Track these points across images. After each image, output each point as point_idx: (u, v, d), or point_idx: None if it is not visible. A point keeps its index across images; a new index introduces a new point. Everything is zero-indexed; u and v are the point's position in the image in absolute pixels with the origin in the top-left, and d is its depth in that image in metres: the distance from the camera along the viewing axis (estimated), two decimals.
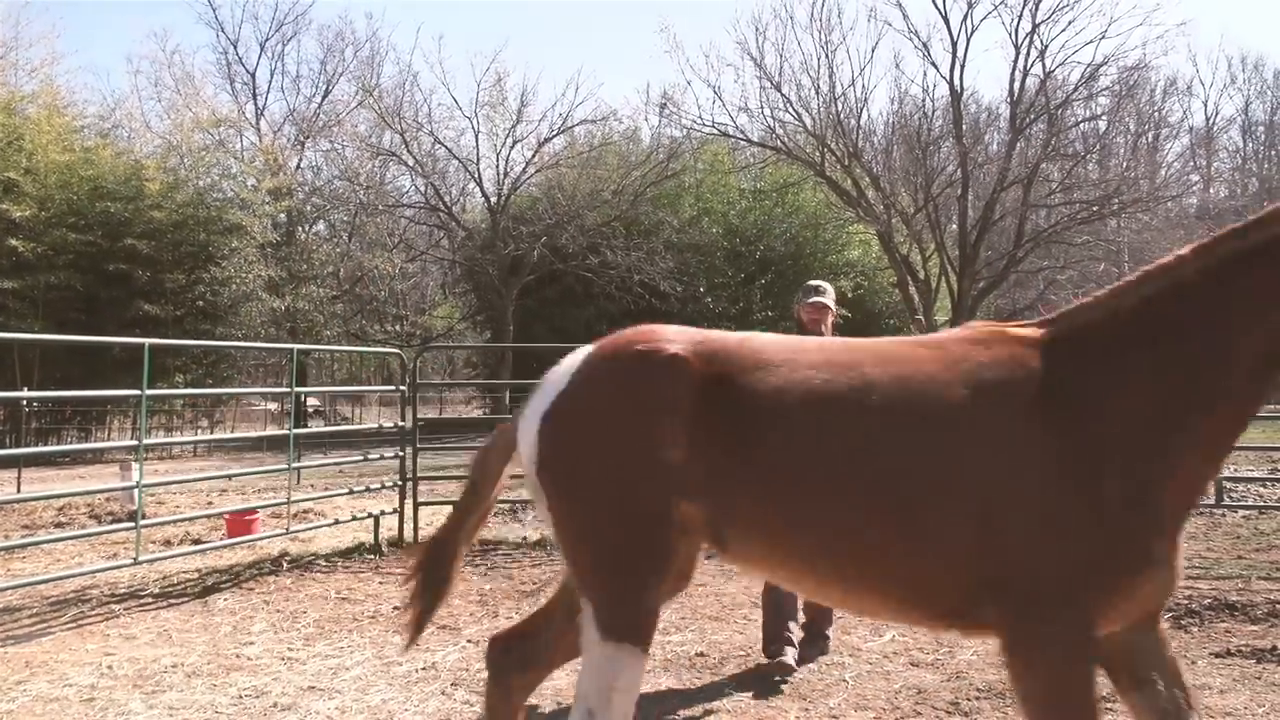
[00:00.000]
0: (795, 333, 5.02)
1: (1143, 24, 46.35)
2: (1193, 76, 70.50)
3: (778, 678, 4.83)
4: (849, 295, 34.58)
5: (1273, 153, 54.73)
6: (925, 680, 4.85)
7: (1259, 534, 8.78)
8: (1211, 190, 54.27)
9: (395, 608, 6.43)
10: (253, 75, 36.64)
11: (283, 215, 30.80)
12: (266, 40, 37.36)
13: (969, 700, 4.55)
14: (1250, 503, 10.15)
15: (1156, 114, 43.43)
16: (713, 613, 6.26)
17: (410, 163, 31.66)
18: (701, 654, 5.34)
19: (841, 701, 4.58)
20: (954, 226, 32.00)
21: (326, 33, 49.03)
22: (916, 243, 31.64)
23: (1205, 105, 72.05)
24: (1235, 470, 12.58)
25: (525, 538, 9.02)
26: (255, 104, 35.90)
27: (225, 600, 6.73)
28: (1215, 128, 55.30)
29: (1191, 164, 50.62)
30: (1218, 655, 5.16)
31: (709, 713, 4.46)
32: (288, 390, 8.33)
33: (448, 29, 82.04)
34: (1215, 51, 69.00)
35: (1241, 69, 72.80)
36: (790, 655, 4.87)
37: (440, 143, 32.33)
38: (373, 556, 8.22)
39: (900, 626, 5.80)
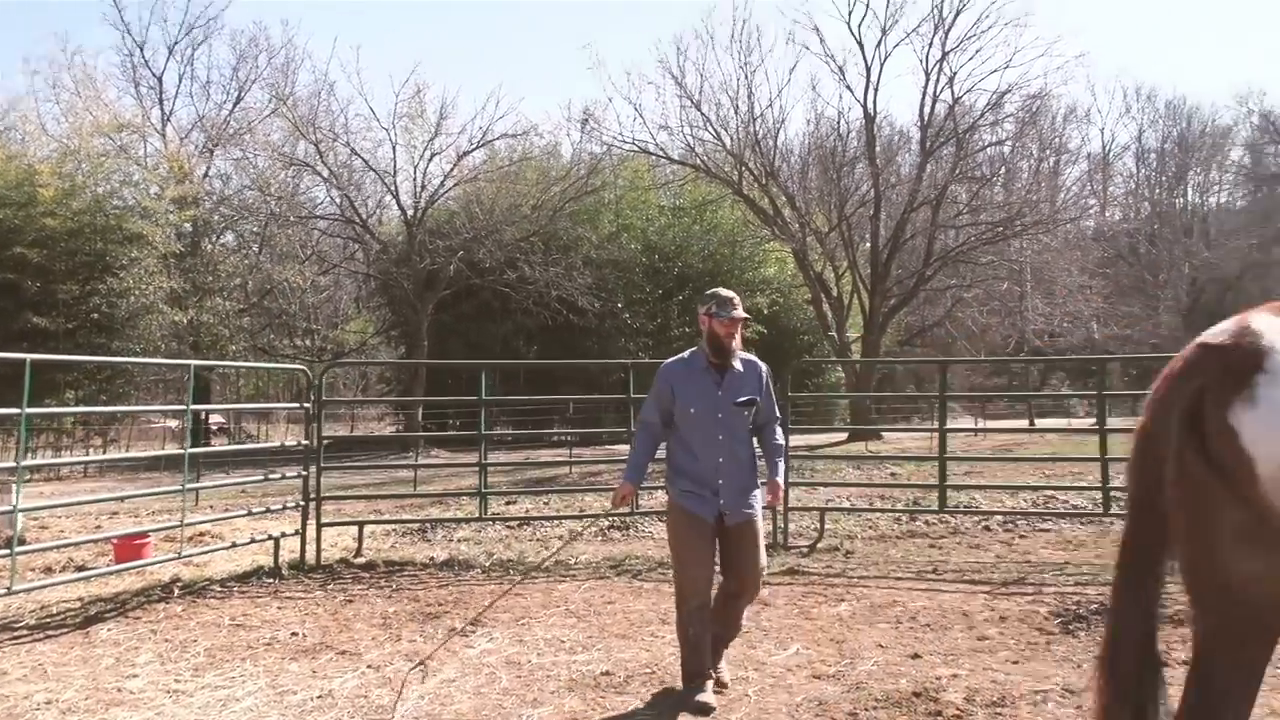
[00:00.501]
0: (703, 345, 4.97)
1: (1044, 55, 48.37)
2: (1091, 105, 73.59)
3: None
4: (764, 311, 35.06)
5: (1164, 179, 57.28)
6: (826, 692, 4.88)
7: None
8: (1107, 213, 56.62)
9: (293, 634, 6.24)
10: (159, 79, 35.49)
11: (188, 225, 29.87)
12: (175, 44, 36.21)
13: (867, 710, 4.60)
14: None
15: (1057, 140, 45.21)
16: (620, 631, 6.22)
17: (325, 174, 31.06)
18: (607, 673, 5.29)
19: (744, 716, 4.58)
20: (866, 245, 32.72)
21: (239, 38, 47.79)
22: (830, 261, 32.26)
23: (1102, 132, 75.22)
24: (1122, 480, 13.05)
25: (433, 558, 8.86)
26: (161, 109, 34.76)
27: (109, 630, 6.43)
28: (1111, 154, 57.73)
29: (1089, 188, 52.69)
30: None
31: None
32: (184, 408, 8.02)
33: (366, 39, 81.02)
34: (1112, 82, 72.07)
35: (1136, 99, 76.06)
36: (711, 694, 4.80)
37: (356, 154, 31.82)
38: (272, 580, 7.97)
39: (804, 640, 5.85)
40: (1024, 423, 32.13)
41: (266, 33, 75.81)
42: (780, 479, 5.08)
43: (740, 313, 4.96)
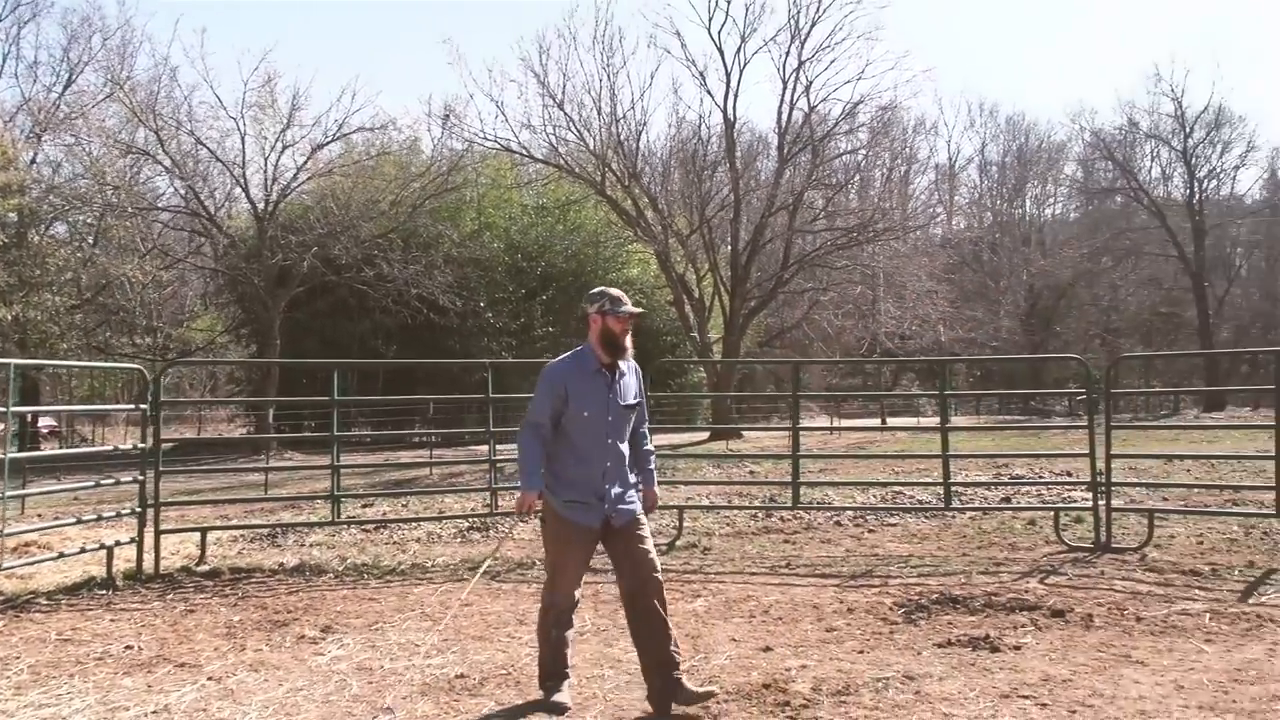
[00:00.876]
0: (591, 345, 4.79)
1: (894, 68, 50.69)
2: (938, 118, 77.37)
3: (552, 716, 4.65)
4: None
5: (1004, 190, 60.64)
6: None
7: (982, 533, 9.63)
8: (953, 222, 59.57)
9: (127, 647, 5.92)
10: None
11: (12, 215, 27.83)
12: None
13: (719, 703, 4.69)
14: (976, 505, 11.12)
15: (907, 150, 47.37)
16: (476, 632, 6.16)
17: (167, 163, 29.55)
18: (462, 675, 5.23)
19: (599, 713, 4.61)
20: (727, 248, 33.38)
21: (71, 17, 44.97)
22: (692, 263, 32.77)
23: (948, 144, 79.18)
24: (964, 475, 13.76)
25: (283, 564, 8.56)
26: None
27: None
28: (956, 165, 60.76)
29: (936, 197, 55.42)
30: (939, 645, 5.60)
31: None
32: (4, 410, 7.49)
33: (211, 23, 77.73)
34: (957, 97, 75.83)
35: (979, 114, 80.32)
36: (567, 693, 4.78)
37: (202, 143, 30.39)
38: (104, 592, 7.53)
39: None
40: (876, 421, 33.42)
41: (101, 12, 71.67)
42: (655, 487, 5.04)
43: (632, 308, 4.85)
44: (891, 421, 32.79)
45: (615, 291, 4.93)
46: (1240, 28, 79.81)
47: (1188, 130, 48.88)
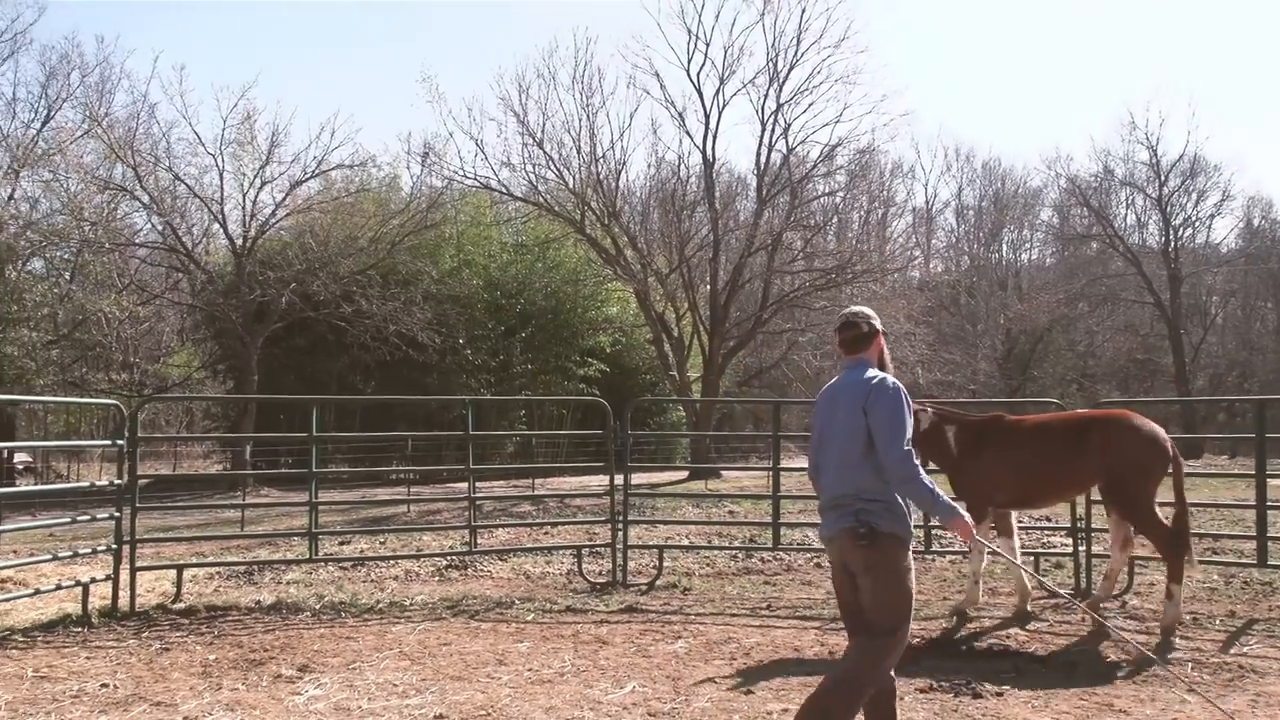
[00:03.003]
0: (873, 360, 4.48)
1: (872, 112, 51.04)
2: (915, 162, 78.49)
3: None
4: (607, 350, 35.36)
5: (980, 234, 61.40)
6: None
7: (961, 577, 9.66)
8: (930, 265, 60.21)
9: (103, 685, 5.84)
10: None
11: None
12: None
13: None
14: (955, 548, 11.15)
15: (885, 193, 47.85)
16: (455, 672, 6.11)
17: (145, 199, 29.43)
18: (440, 716, 5.20)
19: None
20: (706, 287, 33.55)
21: (49, 54, 44.64)
22: (671, 301, 32.89)
23: (925, 188, 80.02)
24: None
25: (259, 601, 8.47)
26: None
27: None
28: (933, 209, 61.50)
29: (913, 240, 55.99)
30: (922, 691, 5.61)
31: None
32: None
33: (190, 59, 77.78)
34: (934, 141, 76.96)
35: (956, 158, 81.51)
36: None
37: (180, 179, 30.26)
38: (80, 629, 7.43)
39: (641, 678, 5.90)
40: None
41: (79, 49, 71.55)
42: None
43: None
44: None
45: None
46: (1215, 77, 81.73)
47: (1163, 178, 49.70)
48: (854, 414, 4.19)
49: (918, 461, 4.06)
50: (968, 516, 4.13)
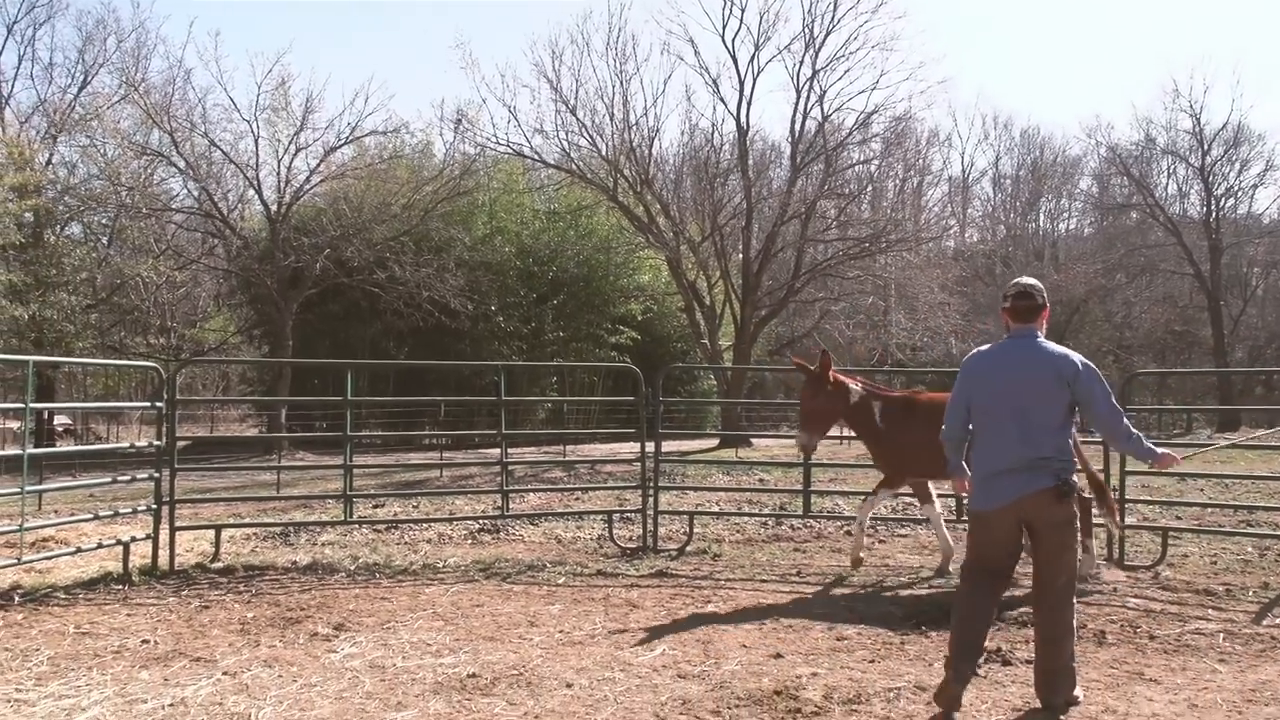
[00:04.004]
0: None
1: (909, 79, 50.46)
2: (952, 130, 77.16)
3: None
4: (639, 318, 35.36)
5: (1018, 203, 60.50)
6: (691, 691, 4.99)
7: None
8: (966, 234, 59.47)
9: (144, 641, 5.97)
10: None
11: (29, 215, 28.01)
12: (15, 23, 33.94)
13: (730, 709, 4.72)
14: None
15: (920, 162, 47.20)
16: (488, 633, 6.19)
17: (181, 165, 29.71)
18: (474, 675, 5.27)
19: (609, 715, 4.64)
20: (739, 256, 33.36)
21: (86, 19, 45.05)
22: (703, 270, 32.76)
23: (962, 157, 78.90)
24: None
25: (295, 562, 8.61)
26: None
27: None
28: (970, 178, 60.64)
29: (949, 209, 55.25)
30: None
31: None
32: (22, 406, 7.56)
33: (226, 25, 78.04)
34: (972, 109, 75.84)
35: (993, 126, 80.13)
36: None
37: (215, 145, 30.53)
38: (121, 587, 7.59)
39: (671, 641, 5.95)
40: None
41: (115, 14, 72.11)
42: None
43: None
44: None
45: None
46: (1261, 44, 79.59)
47: (1205, 147, 48.62)
48: (1050, 384, 4.58)
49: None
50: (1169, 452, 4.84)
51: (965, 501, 5.10)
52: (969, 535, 4.88)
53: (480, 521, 10.58)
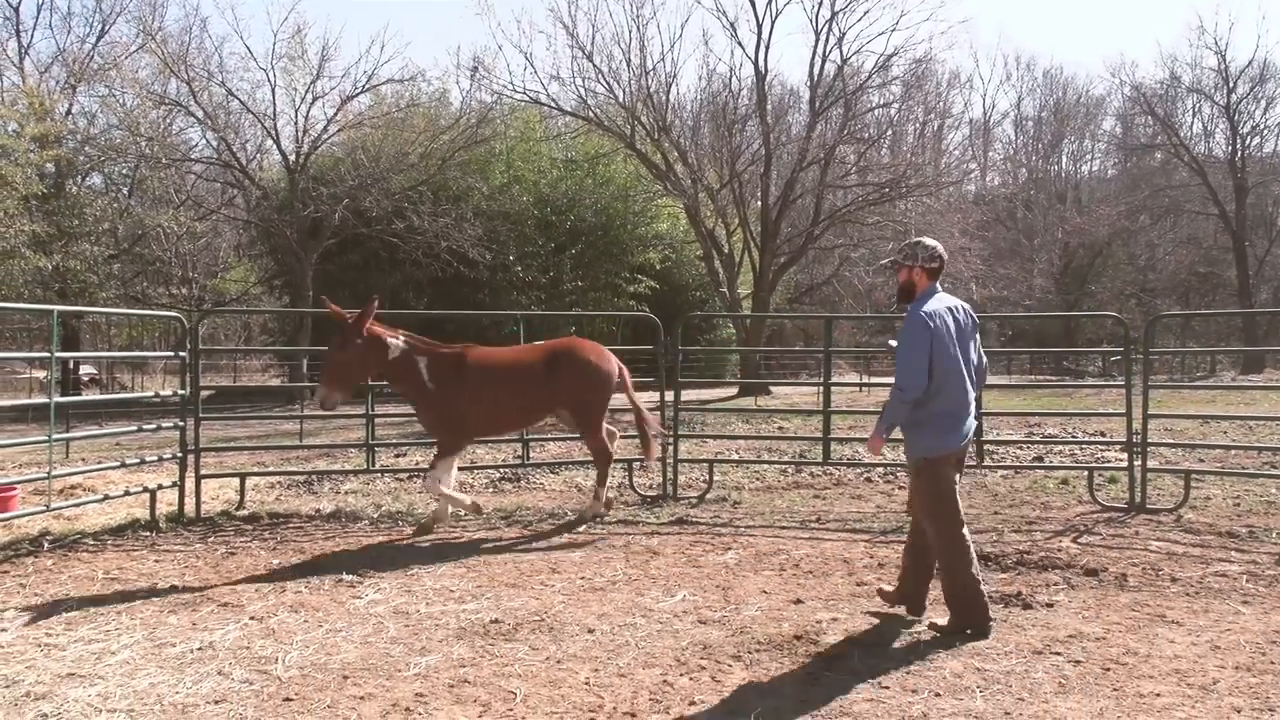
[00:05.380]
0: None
1: (929, 19, 49.39)
2: (973, 71, 75.92)
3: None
4: (657, 267, 35.20)
5: (1040, 145, 59.49)
6: (711, 636, 5.03)
7: (1014, 491, 9.61)
8: (987, 178, 58.63)
9: (172, 586, 6.07)
10: (16, 9, 33.17)
11: (50, 165, 28.12)
12: None
13: (750, 653, 4.76)
14: (1008, 463, 11.08)
15: (941, 105, 46.42)
16: (510, 580, 6.25)
17: (199, 115, 29.62)
18: (496, 620, 5.33)
19: (631, 660, 4.68)
20: (757, 203, 33.06)
21: None
22: (722, 218, 32.52)
23: (984, 99, 77.63)
24: (996, 434, 13.69)
25: (319, 510, 8.71)
26: (19, 41, 32.51)
27: None
28: (991, 120, 59.60)
29: (970, 153, 54.44)
30: None
31: (500, 676, 4.46)
32: (49, 355, 7.62)
33: None
34: (993, 49, 74.03)
35: (1015, 67, 78.61)
36: None
37: (233, 95, 30.42)
38: (149, 534, 7.71)
39: (691, 587, 5.99)
40: None
41: None
42: (876, 430, 5.28)
43: (895, 258, 5.35)
44: None
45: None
46: None
47: (1231, 85, 47.57)
48: (975, 333, 5.27)
49: None
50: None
51: (914, 452, 5.08)
52: (938, 480, 5.02)
53: (501, 470, 10.65)
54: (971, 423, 5.11)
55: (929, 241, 5.28)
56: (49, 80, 30.63)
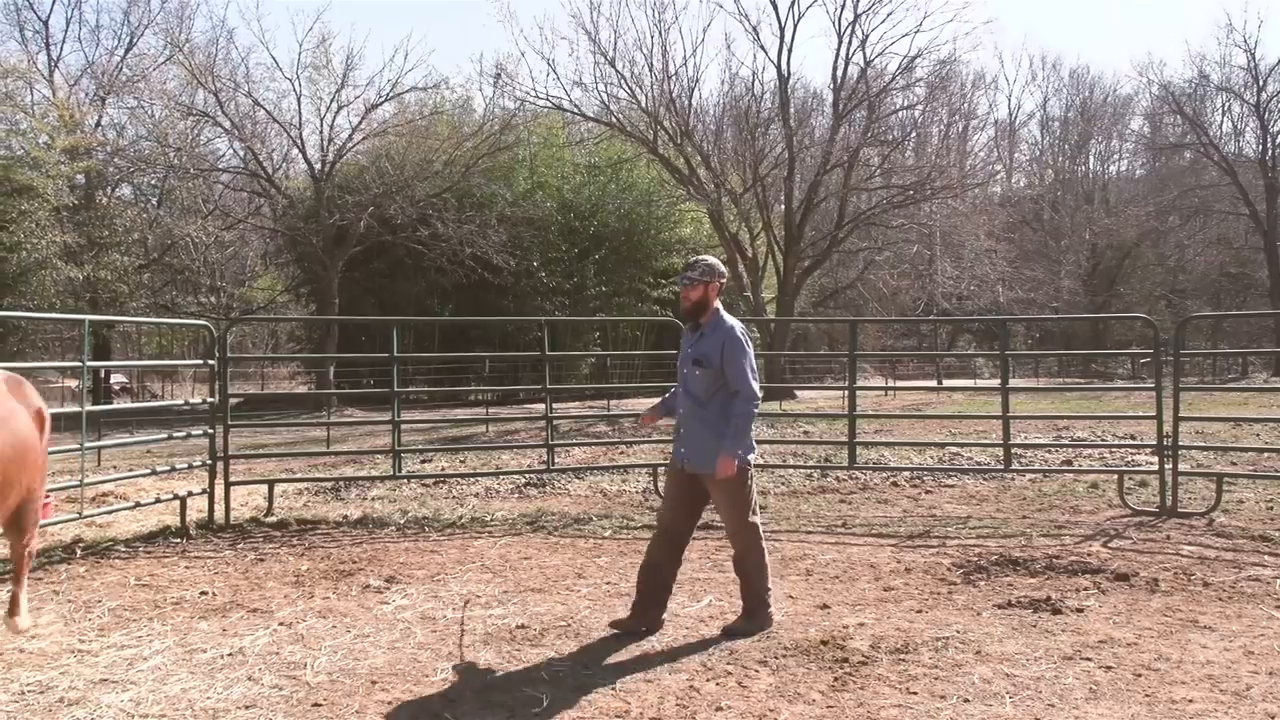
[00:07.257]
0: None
1: (953, 20, 49.19)
2: (998, 72, 75.55)
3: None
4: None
5: (1066, 146, 58.98)
6: (737, 642, 5.01)
7: (1042, 495, 9.53)
8: (1012, 179, 58.20)
9: (202, 593, 6.14)
10: (45, 23, 33.74)
11: (80, 177, 28.51)
12: None
13: (777, 659, 4.74)
14: (1036, 467, 10.98)
15: (965, 106, 46.16)
16: (536, 585, 6.27)
17: (226, 125, 29.96)
18: (523, 626, 5.34)
19: (657, 665, 4.68)
20: (781, 207, 32.99)
21: None
22: (745, 222, 32.47)
23: (1009, 100, 77.08)
24: (1023, 437, 13.58)
25: (346, 516, 8.77)
26: (48, 54, 33.04)
27: (7, 592, 6.21)
28: (1017, 121, 59.17)
29: (995, 154, 54.08)
30: (1000, 606, 5.57)
31: (528, 682, 4.47)
32: (80, 364, 7.73)
33: None
34: (1019, 50, 73.65)
35: (1041, 67, 78.04)
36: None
37: (259, 105, 30.75)
38: (179, 540, 7.79)
39: (718, 592, 5.98)
40: (932, 383, 33.02)
41: None
42: (726, 453, 5.11)
43: (690, 275, 5.28)
44: (947, 383, 32.38)
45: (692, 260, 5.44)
46: None
47: (1261, 83, 46.93)
48: None
49: None
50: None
51: (742, 460, 5.17)
52: (748, 489, 5.31)
53: (526, 476, 10.69)
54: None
55: (715, 259, 5.43)
56: (78, 93, 31.09)
